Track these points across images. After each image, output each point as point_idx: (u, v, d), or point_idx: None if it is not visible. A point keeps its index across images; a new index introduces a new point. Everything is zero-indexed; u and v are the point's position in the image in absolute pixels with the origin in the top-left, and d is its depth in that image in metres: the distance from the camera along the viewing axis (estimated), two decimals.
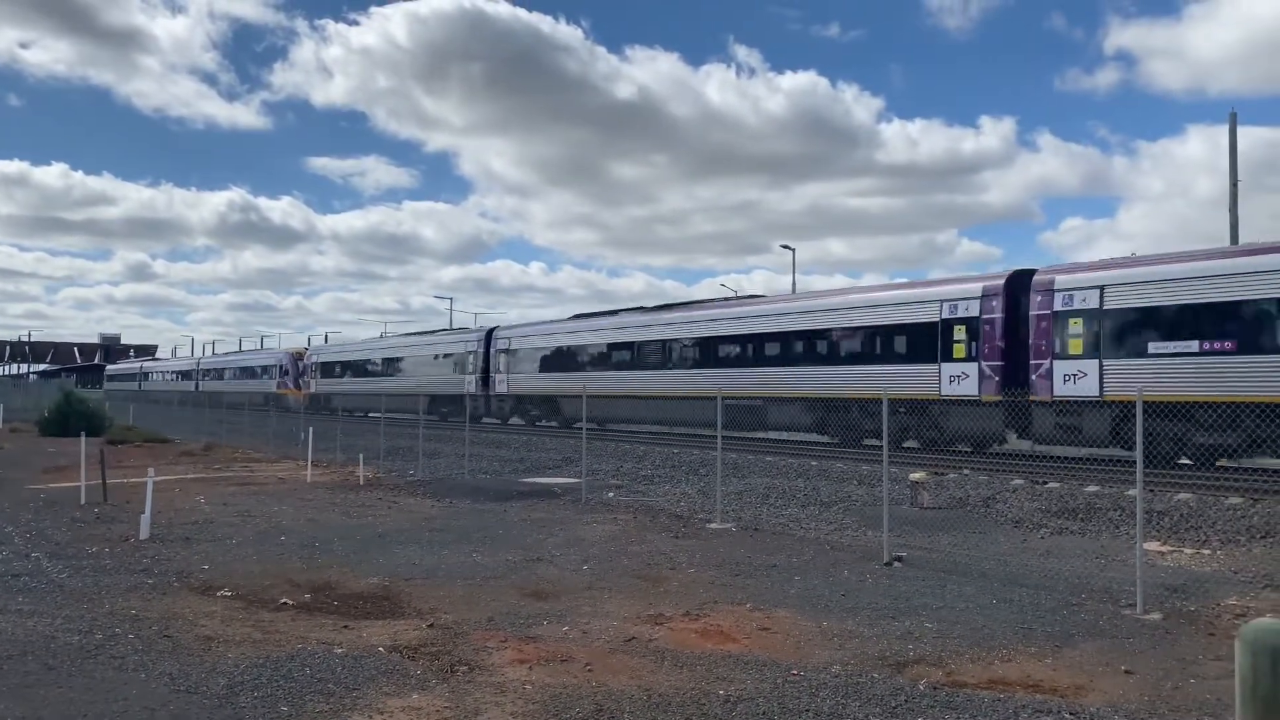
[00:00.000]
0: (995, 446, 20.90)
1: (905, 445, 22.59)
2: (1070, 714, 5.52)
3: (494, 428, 36.79)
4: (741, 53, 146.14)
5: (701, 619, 7.98)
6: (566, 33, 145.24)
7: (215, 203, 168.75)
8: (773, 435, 26.97)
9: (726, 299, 34.00)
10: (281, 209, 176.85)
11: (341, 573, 9.97)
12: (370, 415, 41.46)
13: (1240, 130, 27.74)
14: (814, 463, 20.10)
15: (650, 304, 35.14)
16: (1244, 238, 25.81)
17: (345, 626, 7.71)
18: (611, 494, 16.66)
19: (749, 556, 10.88)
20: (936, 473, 16.98)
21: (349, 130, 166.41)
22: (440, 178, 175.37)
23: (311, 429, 22.42)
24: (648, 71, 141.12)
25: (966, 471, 17.77)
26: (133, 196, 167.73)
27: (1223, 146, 27.39)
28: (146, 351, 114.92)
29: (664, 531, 12.75)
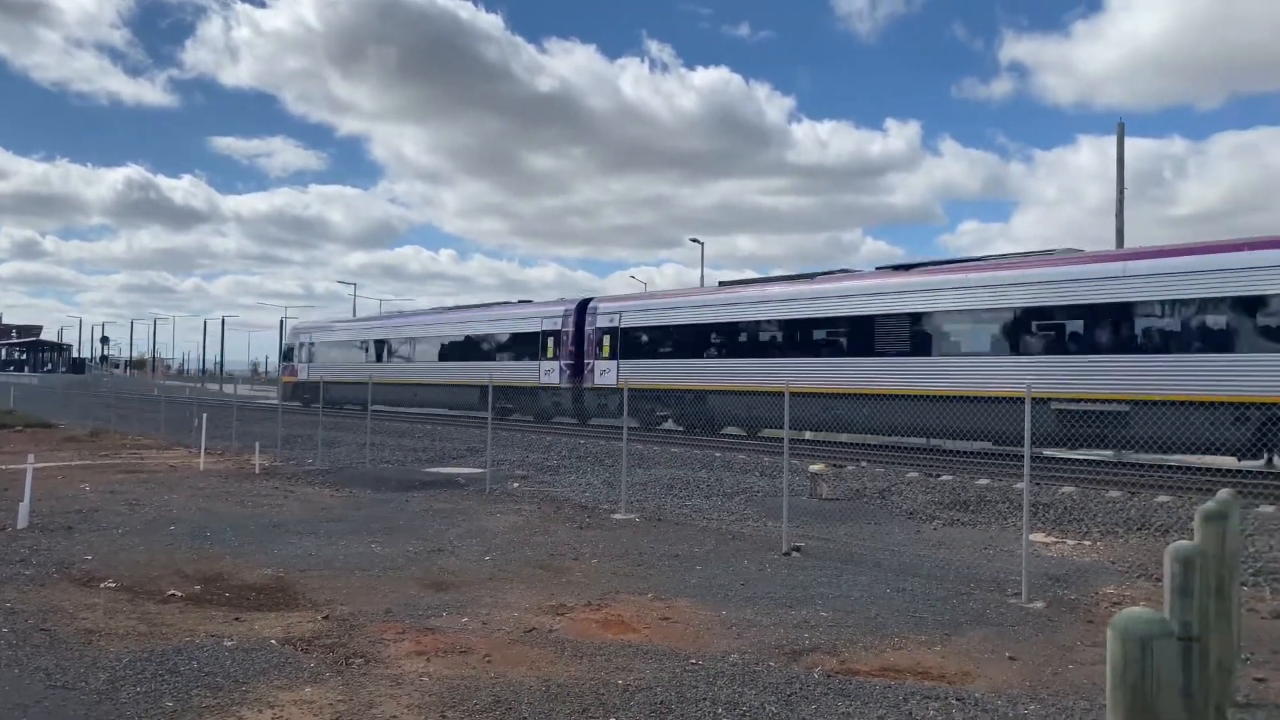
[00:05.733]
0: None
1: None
2: (956, 700, 5.70)
3: (394, 415, 36.11)
4: (655, 48, 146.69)
5: (603, 609, 8.00)
6: (485, 21, 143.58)
7: (113, 179, 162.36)
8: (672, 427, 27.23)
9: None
10: (183, 188, 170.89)
11: (234, 563, 9.68)
12: (386, 412, 33.01)
13: (1126, 141, 28.96)
14: (718, 454, 20.31)
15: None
16: (1129, 243, 26.99)
17: (236, 619, 7.50)
18: (516, 484, 16.56)
19: (652, 547, 10.94)
20: (836, 465, 17.34)
21: (257, 111, 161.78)
22: (350, 162, 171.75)
23: (205, 415, 21.69)
24: (565, 63, 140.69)
25: (864, 464, 18.19)
26: (24, 171, 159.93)
27: (1111, 156, 28.67)
28: (29, 332, 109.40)
29: (568, 522, 12.73)
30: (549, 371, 31.73)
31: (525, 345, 33.06)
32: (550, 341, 31.91)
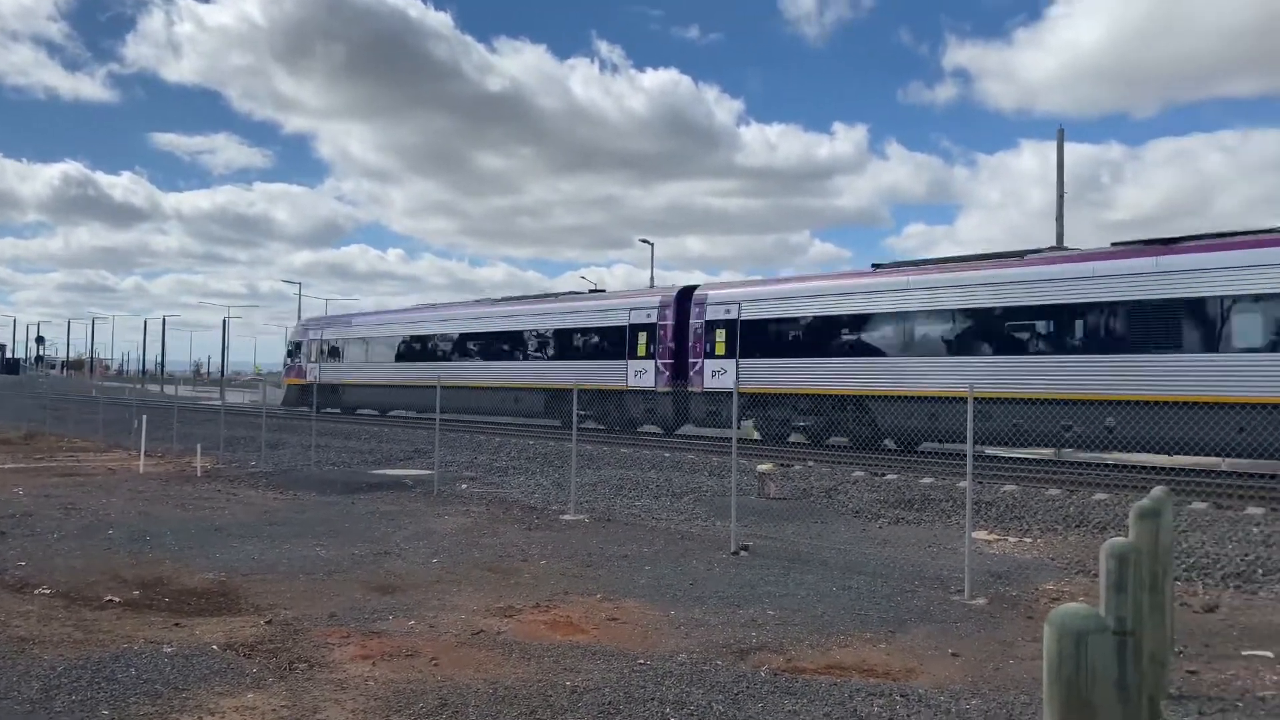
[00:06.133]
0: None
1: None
2: (900, 696, 5.78)
3: (340, 417, 35.62)
4: (605, 48, 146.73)
5: (551, 610, 7.98)
6: (435, 19, 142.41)
7: (49, 175, 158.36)
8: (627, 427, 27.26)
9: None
10: (123, 185, 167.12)
11: (174, 568, 9.49)
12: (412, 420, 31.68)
13: (1066, 147, 29.54)
14: (667, 454, 20.37)
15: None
16: (1069, 244, 27.57)
17: (176, 624, 7.35)
18: (465, 486, 16.44)
19: (601, 547, 10.94)
20: (783, 464, 17.48)
21: (201, 108, 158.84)
22: (296, 160, 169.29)
23: (145, 416, 21.23)
24: (515, 63, 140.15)
25: (811, 463, 18.36)
26: None
27: (1051, 161, 29.26)
28: None
29: (517, 523, 12.68)
30: (641, 373, 26.57)
31: (607, 342, 27.91)
32: (642, 337, 26.64)
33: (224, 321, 62.83)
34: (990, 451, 19.28)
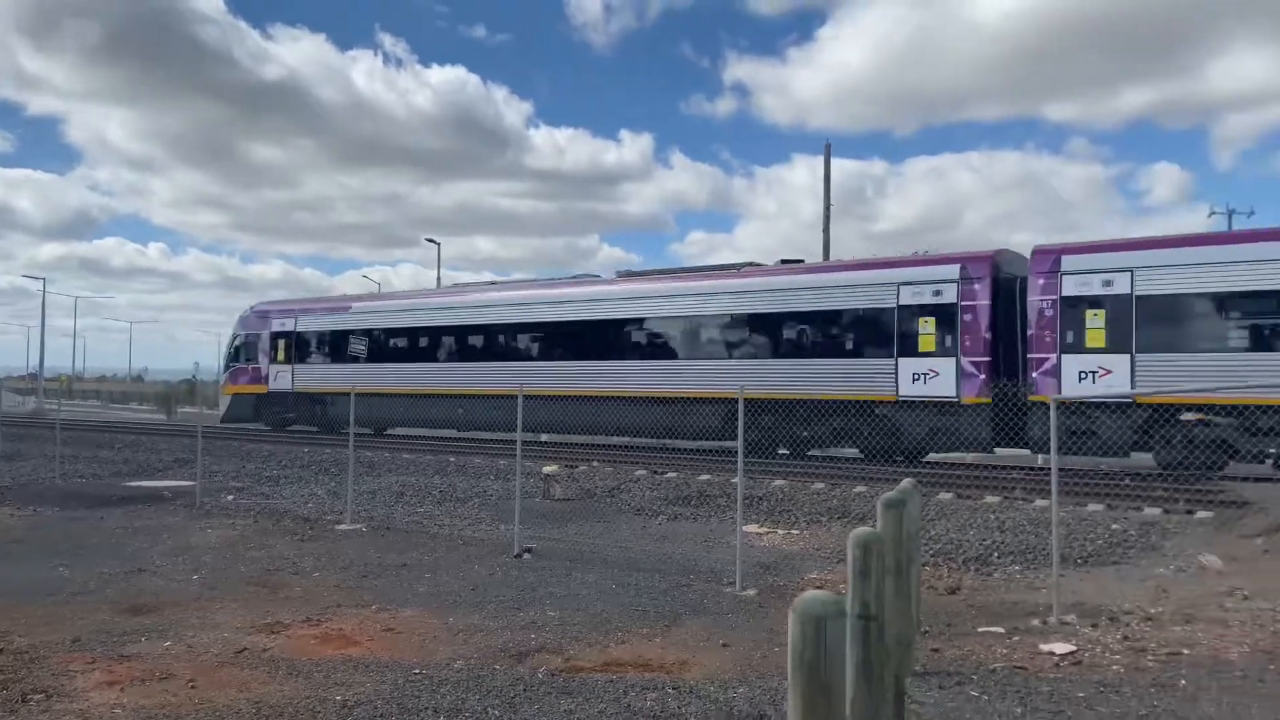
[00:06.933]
0: None
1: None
2: (673, 688, 5.96)
3: (89, 424, 32.58)
4: (389, 42, 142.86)
5: (323, 624, 7.68)
6: (205, 1, 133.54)
7: None
8: (412, 432, 26.53)
9: None
10: None
11: None
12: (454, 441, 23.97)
13: (834, 162, 31.33)
14: (452, 458, 20.05)
15: None
16: (834, 255, 29.31)
17: None
18: (231, 497, 15.53)
19: (379, 557, 10.63)
20: (569, 465, 17.62)
21: None
22: (42, 144, 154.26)
23: None
24: (292, 51, 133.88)
25: (596, 464, 18.60)
26: None
27: (821, 175, 30.96)
28: None
29: (288, 535, 12.11)
30: (926, 376, 18.18)
31: (850, 333, 19.45)
32: (927, 325, 18.32)
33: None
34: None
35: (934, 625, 7.63)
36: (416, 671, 6.33)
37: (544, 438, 24.35)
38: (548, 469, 15.98)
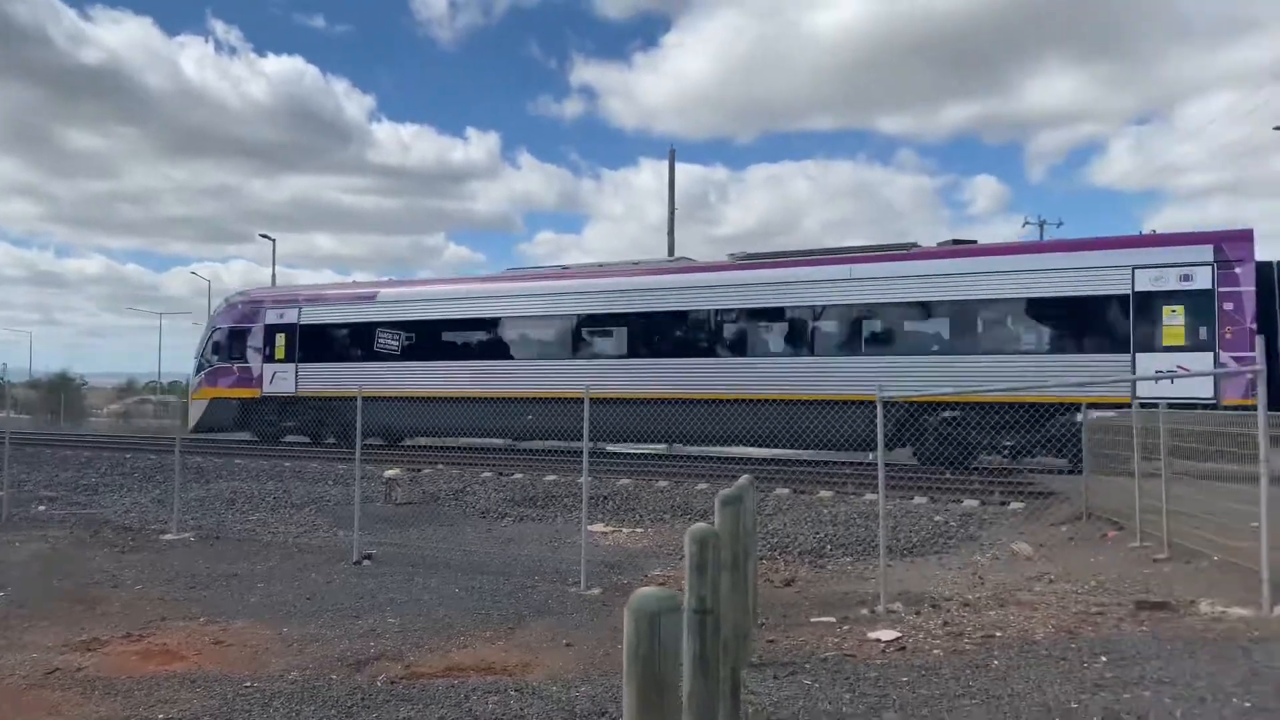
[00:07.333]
0: None
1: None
2: (515, 691, 5.94)
3: None
4: (221, 28, 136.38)
5: (145, 639, 7.28)
6: None
7: None
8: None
9: None
10: None
11: None
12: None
13: (679, 167, 31.95)
14: (288, 463, 19.35)
15: None
16: (679, 255, 29.82)
17: None
18: (44, 507, 14.50)
19: (208, 567, 10.16)
20: (413, 469, 17.30)
21: None
22: None
23: None
24: (114, 34, 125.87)
25: (441, 466, 18.32)
26: None
27: (666, 179, 31.44)
28: None
29: (108, 546, 11.41)
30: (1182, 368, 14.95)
31: (1060, 324, 16.70)
32: (1174, 315, 15.74)
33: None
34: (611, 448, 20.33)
35: (770, 617, 7.88)
36: (248, 685, 6.08)
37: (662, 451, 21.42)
38: (389, 472, 15.64)
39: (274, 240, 49.80)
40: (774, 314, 19.17)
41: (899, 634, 7.10)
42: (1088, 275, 16.30)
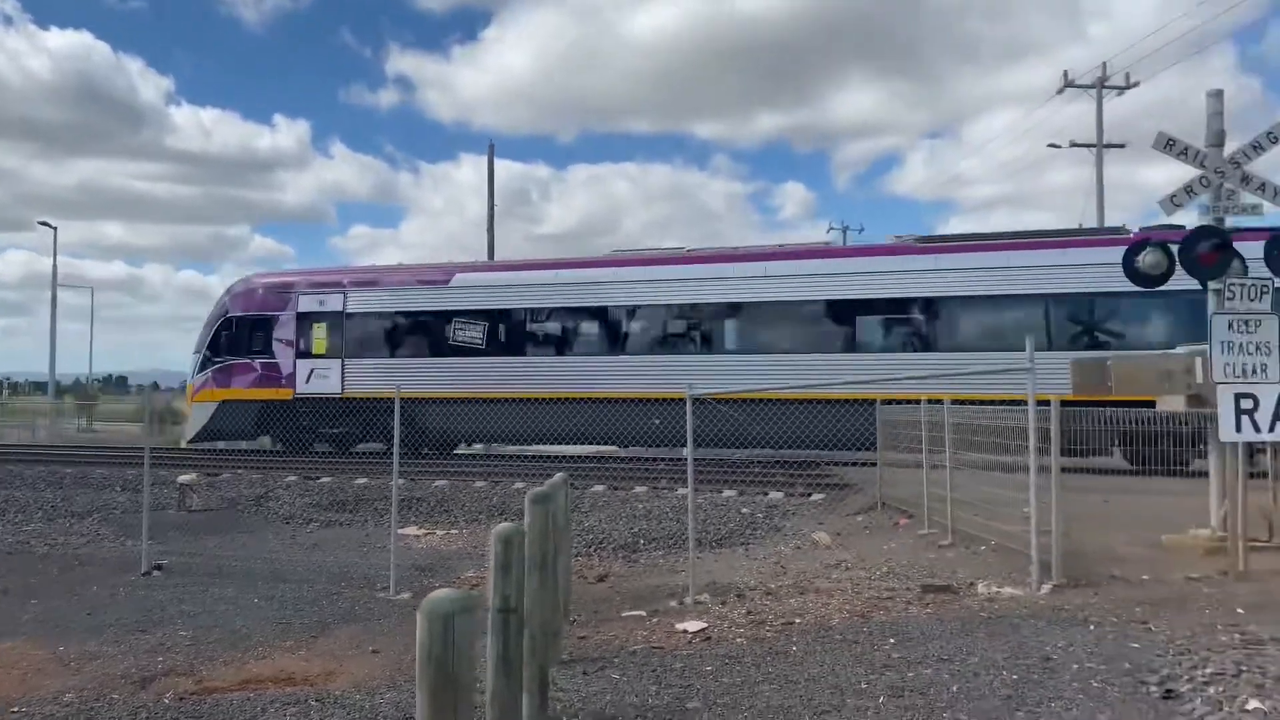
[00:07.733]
0: None
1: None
2: (316, 701, 5.74)
3: None
4: None
5: None
6: None
7: None
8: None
9: None
10: None
11: None
12: None
13: (499, 163, 31.69)
14: (69, 470, 17.91)
15: None
16: (499, 254, 29.61)
17: None
18: None
19: None
20: (210, 473, 16.38)
21: None
22: None
23: None
24: None
25: (240, 470, 17.43)
26: None
27: (486, 174, 31.08)
28: None
29: None
30: None
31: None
32: None
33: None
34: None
35: (583, 613, 7.94)
36: (15, 710, 5.61)
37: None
38: (183, 478, 14.75)
39: (55, 228, 45.74)
40: (983, 303, 16.70)
41: (705, 625, 7.30)
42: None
